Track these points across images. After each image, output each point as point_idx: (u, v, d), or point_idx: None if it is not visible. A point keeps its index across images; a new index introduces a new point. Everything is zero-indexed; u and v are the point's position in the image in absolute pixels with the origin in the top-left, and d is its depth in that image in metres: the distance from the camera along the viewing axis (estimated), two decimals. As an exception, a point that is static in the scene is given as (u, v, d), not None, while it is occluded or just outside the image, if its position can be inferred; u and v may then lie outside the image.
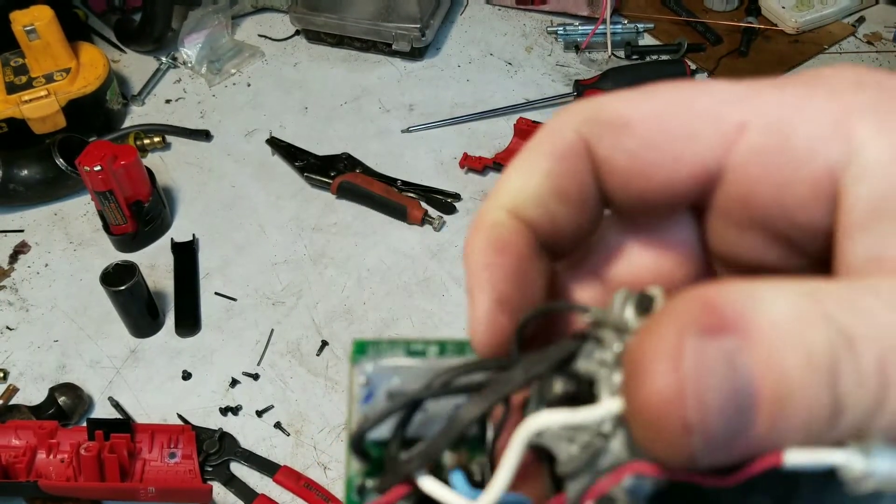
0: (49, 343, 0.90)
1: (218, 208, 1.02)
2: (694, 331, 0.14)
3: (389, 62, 1.20)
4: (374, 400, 0.22)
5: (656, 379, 0.14)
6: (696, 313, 0.14)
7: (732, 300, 0.14)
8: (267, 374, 0.86)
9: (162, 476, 0.76)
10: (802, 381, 0.14)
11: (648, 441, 0.15)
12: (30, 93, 1.04)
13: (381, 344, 0.23)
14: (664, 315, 0.15)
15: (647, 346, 0.15)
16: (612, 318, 0.19)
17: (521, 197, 0.21)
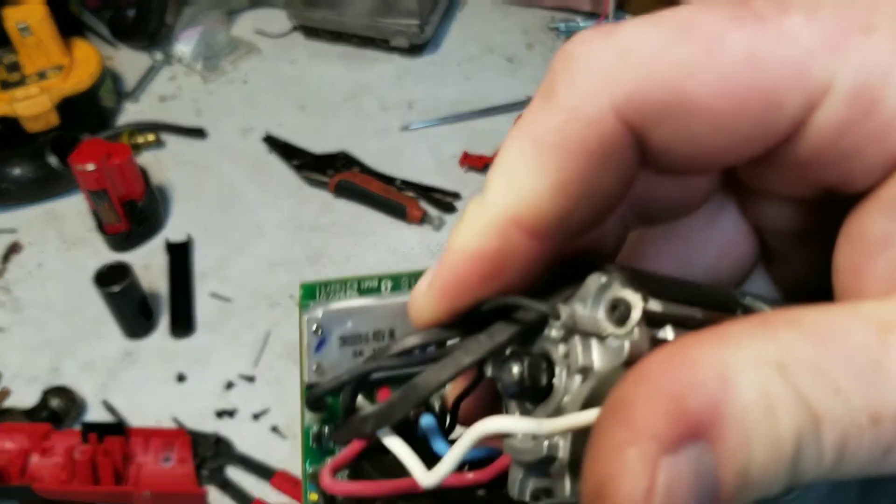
0: (42, 344, 0.88)
1: (213, 207, 1.01)
2: (666, 449, 0.13)
3: (388, 59, 1.18)
4: (328, 347, 0.21)
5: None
6: (666, 416, 0.13)
7: (703, 393, 0.14)
8: (263, 377, 0.84)
9: (157, 480, 0.75)
10: (766, 469, 0.14)
11: None
12: (22, 90, 1.03)
13: (331, 284, 0.22)
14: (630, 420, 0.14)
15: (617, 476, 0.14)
16: (585, 324, 0.18)
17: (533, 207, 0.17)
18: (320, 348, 0.22)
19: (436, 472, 0.18)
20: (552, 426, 0.17)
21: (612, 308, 0.17)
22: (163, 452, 0.76)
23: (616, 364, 0.17)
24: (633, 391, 0.14)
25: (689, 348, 0.14)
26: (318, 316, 0.22)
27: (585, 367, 0.18)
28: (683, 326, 0.18)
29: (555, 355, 0.19)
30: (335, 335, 0.22)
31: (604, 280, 0.18)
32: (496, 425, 0.18)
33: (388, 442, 0.20)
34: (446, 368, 0.19)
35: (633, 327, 0.17)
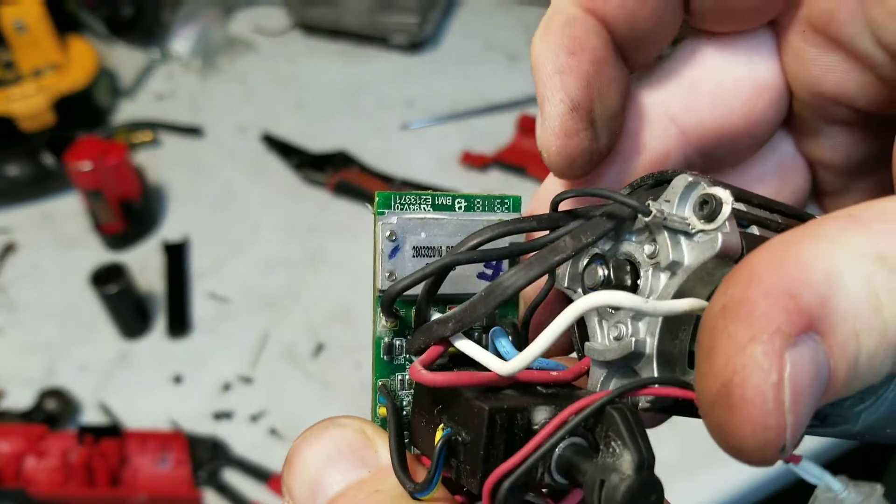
0: (37, 346, 0.87)
1: (210, 207, 1.00)
2: (788, 343, 0.14)
3: (387, 57, 1.17)
4: (401, 254, 0.21)
5: (756, 418, 0.14)
6: (785, 314, 0.14)
7: (814, 290, 0.15)
8: (261, 378, 0.84)
9: (153, 483, 0.74)
10: (874, 357, 0.15)
11: (727, 448, 0.15)
12: (18, 89, 1.02)
13: (406, 196, 0.22)
14: (751, 319, 0.15)
15: (743, 371, 0.15)
16: (673, 221, 0.18)
17: None
18: (394, 255, 0.22)
19: (532, 349, 0.19)
20: (657, 307, 0.18)
21: (701, 205, 0.18)
22: (159, 455, 0.75)
23: (707, 257, 0.18)
24: (749, 291, 0.15)
25: (793, 246, 0.15)
26: (393, 222, 0.22)
27: (676, 261, 0.19)
28: (766, 227, 0.19)
29: (638, 256, 0.20)
30: (409, 244, 0.22)
31: (691, 179, 0.19)
32: (606, 298, 0.18)
33: (462, 344, 0.20)
34: (533, 267, 0.19)
35: (724, 222, 0.18)
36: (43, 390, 0.81)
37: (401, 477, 0.20)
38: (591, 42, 0.20)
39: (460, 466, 0.19)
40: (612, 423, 0.17)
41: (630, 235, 0.20)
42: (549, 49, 0.20)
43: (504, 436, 0.18)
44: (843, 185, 0.24)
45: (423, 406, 0.21)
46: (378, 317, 0.22)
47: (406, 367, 0.22)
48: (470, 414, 0.19)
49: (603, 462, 0.17)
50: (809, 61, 0.21)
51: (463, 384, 0.19)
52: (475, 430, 0.18)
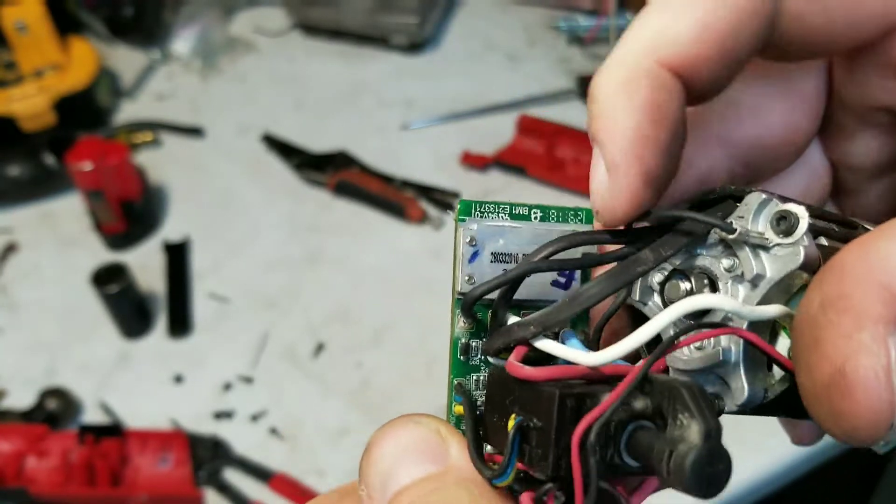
0: (38, 345, 0.88)
1: (211, 207, 1.00)
2: (892, 328, 0.16)
3: (387, 57, 1.18)
4: (479, 259, 0.22)
5: (872, 396, 0.16)
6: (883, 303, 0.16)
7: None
8: (261, 378, 0.84)
9: (153, 483, 0.74)
10: None
11: (839, 431, 0.17)
12: (19, 89, 1.02)
13: (485, 205, 0.23)
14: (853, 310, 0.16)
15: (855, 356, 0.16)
16: (752, 237, 0.20)
17: (691, 55, 0.19)
18: (473, 259, 0.23)
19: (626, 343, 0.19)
20: (753, 311, 0.20)
21: (778, 220, 0.20)
22: (160, 454, 0.75)
23: (790, 269, 0.20)
24: (843, 286, 0.16)
25: (876, 243, 0.16)
26: (473, 228, 0.23)
27: (759, 275, 0.20)
28: (830, 237, 0.20)
29: (715, 270, 0.21)
30: (487, 250, 0.23)
31: (764, 196, 0.20)
32: (706, 301, 0.19)
33: (543, 344, 0.21)
34: (618, 277, 0.20)
35: (802, 236, 0.19)
36: (43, 390, 0.81)
37: (478, 465, 0.20)
38: (673, 111, 0.20)
39: (532, 452, 0.20)
40: (679, 397, 0.18)
41: (701, 249, 0.22)
42: (630, 113, 0.19)
43: (574, 419, 0.19)
44: (861, 185, 0.25)
45: (496, 402, 0.22)
46: (456, 318, 0.23)
47: (480, 369, 0.23)
48: (541, 400, 0.19)
49: (671, 435, 0.18)
50: (873, 86, 0.22)
51: (564, 377, 0.20)
52: (546, 415, 0.19)
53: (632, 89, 0.19)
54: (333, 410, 0.81)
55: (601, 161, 0.20)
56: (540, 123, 1.02)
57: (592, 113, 0.20)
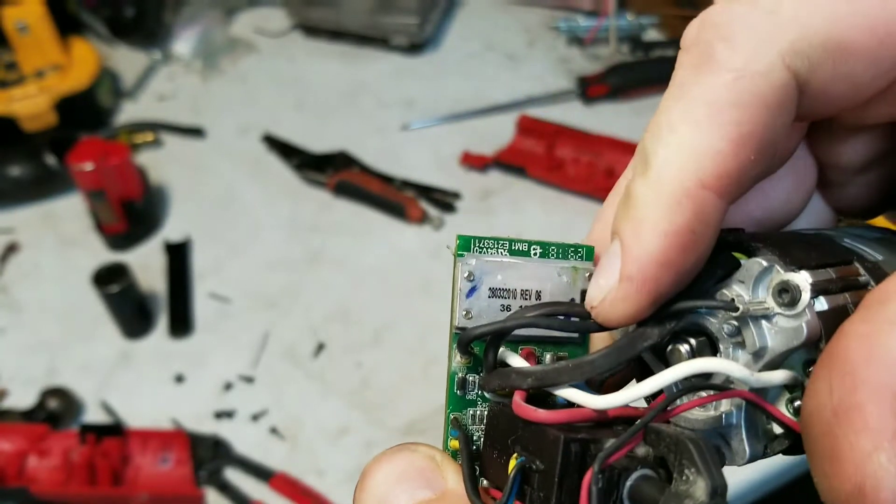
0: (39, 345, 0.88)
1: (212, 207, 1.00)
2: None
3: (388, 57, 1.18)
4: (477, 294, 0.23)
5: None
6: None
7: None
8: (262, 378, 0.84)
9: (154, 482, 0.74)
10: None
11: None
12: (20, 90, 1.02)
13: (484, 240, 0.23)
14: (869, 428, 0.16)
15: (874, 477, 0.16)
16: (753, 307, 0.20)
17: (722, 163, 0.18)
18: (471, 294, 0.23)
19: (635, 390, 0.20)
20: (761, 379, 0.20)
21: (780, 293, 0.20)
22: (161, 454, 0.76)
23: (794, 345, 0.20)
24: (855, 396, 0.16)
25: (880, 337, 0.16)
26: (472, 263, 0.23)
27: (763, 347, 0.20)
28: (826, 293, 0.20)
29: (716, 333, 0.21)
30: (485, 285, 0.23)
31: (765, 265, 0.20)
32: (712, 364, 0.20)
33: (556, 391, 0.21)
34: (624, 352, 0.20)
35: (804, 309, 0.19)
36: (45, 390, 0.82)
37: (473, 499, 0.21)
38: (707, 236, 0.19)
39: (533, 494, 0.20)
40: (686, 451, 0.18)
41: (703, 310, 0.21)
42: (664, 235, 0.18)
43: (578, 464, 0.19)
44: (846, 180, 0.25)
45: (497, 438, 0.22)
46: (453, 353, 0.23)
47: (477, 403, 0.24)
48: (545, 442, 0.20)
49: (676, 489, 0.18)
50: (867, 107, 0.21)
51: (571, 421, 0.20)
52: (550, 458, 0.19)
53: (674, 211, 0.18)
54: (333, 410, 0.81)
55: (615, 264, 0.19)
56: (540, 124, 1.02)
57: (626, 210, 0.19)
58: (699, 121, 0.18)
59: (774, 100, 0.18)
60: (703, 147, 0.18)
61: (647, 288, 0.19)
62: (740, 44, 0.18)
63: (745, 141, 0.18)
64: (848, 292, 0.20)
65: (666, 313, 0.21)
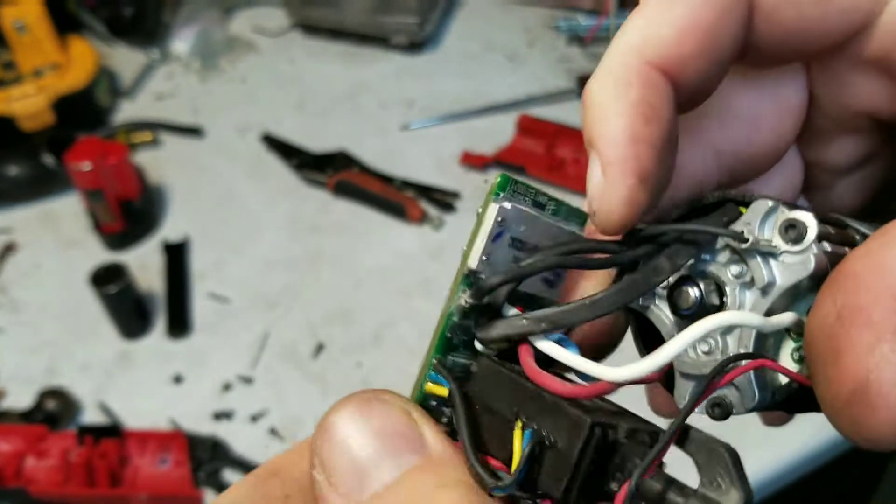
0: (38, 346, 0.87)
1: (211, 207, 1.00)
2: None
3: (388, 57, 1.17)
4: (501, 241, 0.22)
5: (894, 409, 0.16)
6: None
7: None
8: (261, 378, 0.84)
9: (153, 483, 0.74)
10: None
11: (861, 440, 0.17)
12: (18, 89, 1.02)
13: (518, 184, 0.22)
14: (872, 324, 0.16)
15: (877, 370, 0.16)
16: (761, 245, 0.20)
17: (677, 52, 0.20)
18: (496, 240, 0.22)
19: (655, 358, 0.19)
20: (772, 323, 0.20)
21: (787, 229, 0.20)
22: (159, 455, 0.75)
23: (801, 277, 0.20)
24: (859, 298, 0.17)
25: (883, 250, 0.17)
26: (507, 208, 0.22)
27: (770, 283, 0.20)
28: (828, 240, 0.20)
29: (723, 276, 0.21)
30: (509, 234, 0.22)
31: (771, 204, 0.20)
32: (733, 317, 0.20)
33: (550, 348, 0.21)
34: (637, 287, 0.21)
35: (811, 244, 0.20)
36: (43, 390, 0.81)
37: (478, 471, 0.20)
38: (664, 108, 0.20)
39: (542, 470, 0.19)
40: (721, 459, 0.18)
41: (708, 255, 0.22)
42: (623, 112, 0.20)
43: (595, 448, 0.19)
44: (831, 181, 0.26)
45: (490, 399, 0.21)
46: (458, 293, 0.22)
47: (459, 351, 0.22)
48: (567, 422, 0.19)
49: (704, 494, 0.18)
50: (851, 85, 0.22)
51: (590, 395, 0.20)
52: (570, 439, 0.19)
53: (623, 90, 0.20)
54: (333, 411, 0.80)
55: (597, 164, 0.20)
56: (540, 123, 1.02)
57: (586, 118, 0.20)
58: (648, 14, 0.20)
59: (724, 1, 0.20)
60: (648, 34, 0.20)
61: (629, 167, 0.19)
62: None
63: (688, 30, 0.20)
64: (846, 248, 0.20)
65: (675, 249, 0.21)
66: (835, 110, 0.24)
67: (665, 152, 0.20)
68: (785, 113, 0.24)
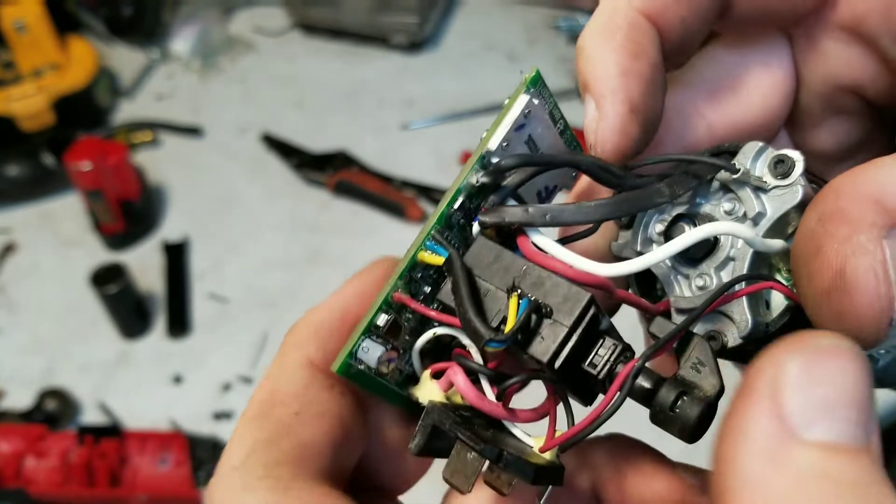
0: (37, 346, 0.87)
1: (210, 207, 1.00)
2: (884, 232, 0.17)
3: (387, 56, 1.17)
4: (521, 133, 0.23)
5: (871, 292, 0.17)
6: (875, 213, 0.17)
7: (891, 197, 0.17)
8: (261, 378, 0.83)
9: (152, 483, 0.74)
10: None
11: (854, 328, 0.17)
12: (18, 89, 1.02)
13: (546, 89, 0.24)
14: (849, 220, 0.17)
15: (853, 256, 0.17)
16: (752, 179, 0.22)
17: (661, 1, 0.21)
18: (518, 130, 0.23)
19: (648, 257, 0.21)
20: (764, 242, 0.21)
21: (776, 164, 0.22)
22: (159, 455, 0.75)
23: (790, 206, 0.21)
24: (839, 202, 0.18)
25: (865, 172, 0.18)
26: (535, 104, 0.23)
27: (760, 213, 0.22)
28: (817, 185, 0.22)
29: (716, 214, 0.23)
30: (528, 129, 0.23)
31: (761, 144, 0.22)
32: (725, 227, 0.21)
33: (547, 244, 0.22)
34: (637, 201, 0.22)
35: (799, 177, 0.21)
36: (43, 390, 0.81)
37: (476, 324, 0.21)
38: (650, 48, 0.22)
39: (533, 337, 0.21)
40: (704, 349, 0.20)
41: (702, 199, 0.23)
42: (612, 50, 0.22)
43: (587, 324, 0.20)
44: (825, 169, 0.27)
45: (486, 272, 0.22)
46: (472, 171, 0.23)
47: (455, 232, 0.23)
48: (566, 292, 0.21)
49: (682, 377, 0.20)
50: (831, 56, 0.24)
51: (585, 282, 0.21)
52: (569, 308, 0.20)
53: (611, 33, 0.22)
54: (333, 411, 0.80)
55: (591, 101, 0.22)
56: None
57: (579, 63, 0.22)
58: None
59: None
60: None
61: (619, 98, 0.21)
62: None
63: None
64: None
65: (674, 177, 0.22)
66: (820, 86, 0.25)
67: (653, 86, 0.22)
68: (772, 86, 0.25)
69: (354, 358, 0.23)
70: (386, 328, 0.23)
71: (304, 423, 0.22)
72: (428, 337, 0.23)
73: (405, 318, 0.23)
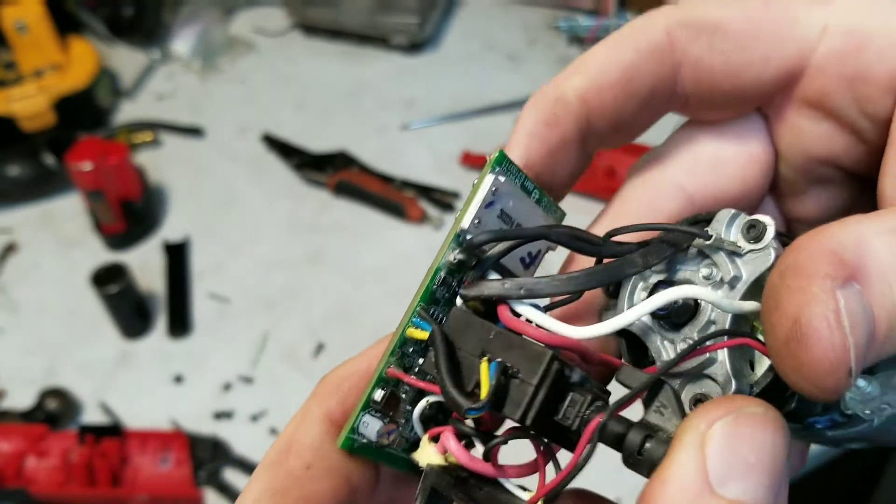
0: (38, 346, 0.88)
1: (211, 207, 1.00)
2: (838, 284, 0.18)
3: (387, 57, 1.17)
4: (491, 210, 0.24)
5: (825, 341, 0.17)
6: (831, 265, 0.18)
7: (851, 250, 0.18)
8: (261, 378, 0.84)
9: (153, 483, 0.74)
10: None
11: (805, 383, 0.18)
12: (19, 89, 1.02)
13: (512, 165, 0.25)
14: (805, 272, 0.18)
15: (807, 306, 0.18)
16: (726, 245, 0.23)
17: (595, 84, 0.24)
18: (488, 207, 0.24)
19: (616, 320, 0.22)
20: (734, 304, 0.22)
21: (749, 229, 0.22)
22: (160, 454, 0.76)
23: (763, 269, 0.22)
24: (798, 256, 0.19)
25: (827, 229, 0.19)
26: (502, 181, 0.24)
27: (736, 276, 0.23)
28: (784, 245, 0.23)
29: (694, 279, 0.24)
30: (499, 205, 0.24)
31: (734, 211, 0.23)
32: (693, 291, 0.22)
33: (525, 310, 0.23)
34: (609, 273, 0.23)
35: (771, 240, 0.22)
36: (44, 390, 0.81)
37: (454, 396, 0.22)
38: (567, 124, 0.24)
39: (505, 397, 0.22)
40: (669, 394, 0.21)
41: (681, 265, 0.24)
42: (533, 112, 0.24)
43: (553, 378, 0.21)
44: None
45: (460, 341, 0.23)
46: (448, 249, 0.24)
47: (441, 307, 0.25)
48: (530, 353, 0.22)
49: (648, 421, 0.21)
50: (804, 130, 0.25)
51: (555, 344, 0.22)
52: (532, 367, 0.21)
53: (542, 101, 0.25)
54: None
55: None
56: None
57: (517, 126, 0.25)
58: (581, 56, 0.25)
59: (654, 53, 0.23)
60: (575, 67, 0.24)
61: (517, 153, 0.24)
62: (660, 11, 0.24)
63: (607, 66, 0.24)
64: None
65: (651, 246, 0.23)
66: (797, 158, 0.26)
67: (557, 154, 0.25)
68: (750, 161, 0.26)
69: (356, 433, 0.24)
70: (384, 402, 0.24)
71: (314, 477, 0.23)
72: (422, 406, 0.25)
73: (402, 390, 0.25)
